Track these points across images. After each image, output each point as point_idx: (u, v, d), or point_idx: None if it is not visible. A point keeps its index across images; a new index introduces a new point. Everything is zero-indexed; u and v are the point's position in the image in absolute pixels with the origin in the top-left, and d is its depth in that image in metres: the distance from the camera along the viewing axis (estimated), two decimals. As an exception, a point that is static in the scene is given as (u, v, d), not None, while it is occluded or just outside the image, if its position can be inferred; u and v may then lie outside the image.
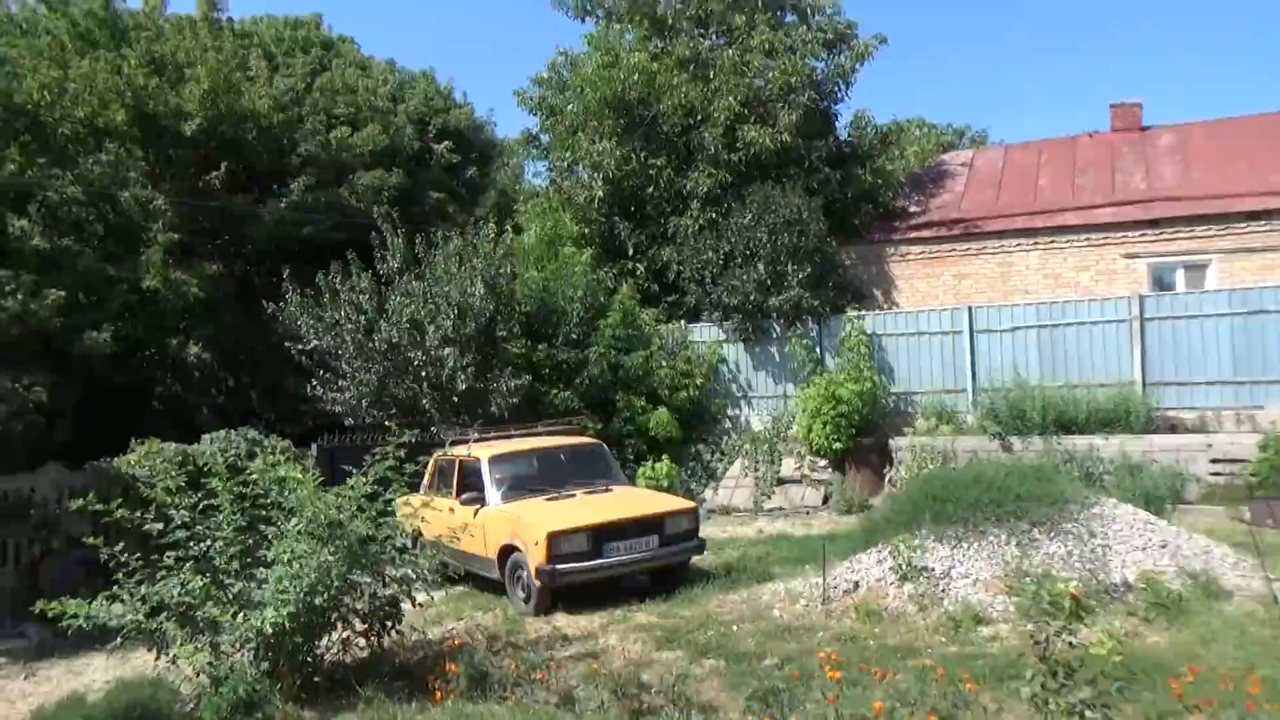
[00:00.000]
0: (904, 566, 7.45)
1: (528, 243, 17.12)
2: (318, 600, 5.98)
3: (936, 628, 6.74)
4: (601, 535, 8.29)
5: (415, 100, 24.36)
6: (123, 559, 6.39)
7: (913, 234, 17.56)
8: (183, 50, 18.46)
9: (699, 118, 17.52)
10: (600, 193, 17.42)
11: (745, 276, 15.54)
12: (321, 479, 6.84)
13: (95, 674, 7.84)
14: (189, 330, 18.25)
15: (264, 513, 6.84)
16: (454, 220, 20.90)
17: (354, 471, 6.69)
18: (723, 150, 17.03)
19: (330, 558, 5.96)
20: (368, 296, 15.50)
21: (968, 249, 16.89)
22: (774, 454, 15.05)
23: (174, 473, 6.71)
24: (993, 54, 65.28)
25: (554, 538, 8.08)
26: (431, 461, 10.58)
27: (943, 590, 7.21)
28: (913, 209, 18.45)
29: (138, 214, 16.82)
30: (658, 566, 8.70)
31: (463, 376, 14.57)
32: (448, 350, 14.89)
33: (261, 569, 6.56)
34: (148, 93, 17.07)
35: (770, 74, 17.13)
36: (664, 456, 15.06)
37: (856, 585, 7.68)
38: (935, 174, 19.73)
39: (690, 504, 9.40)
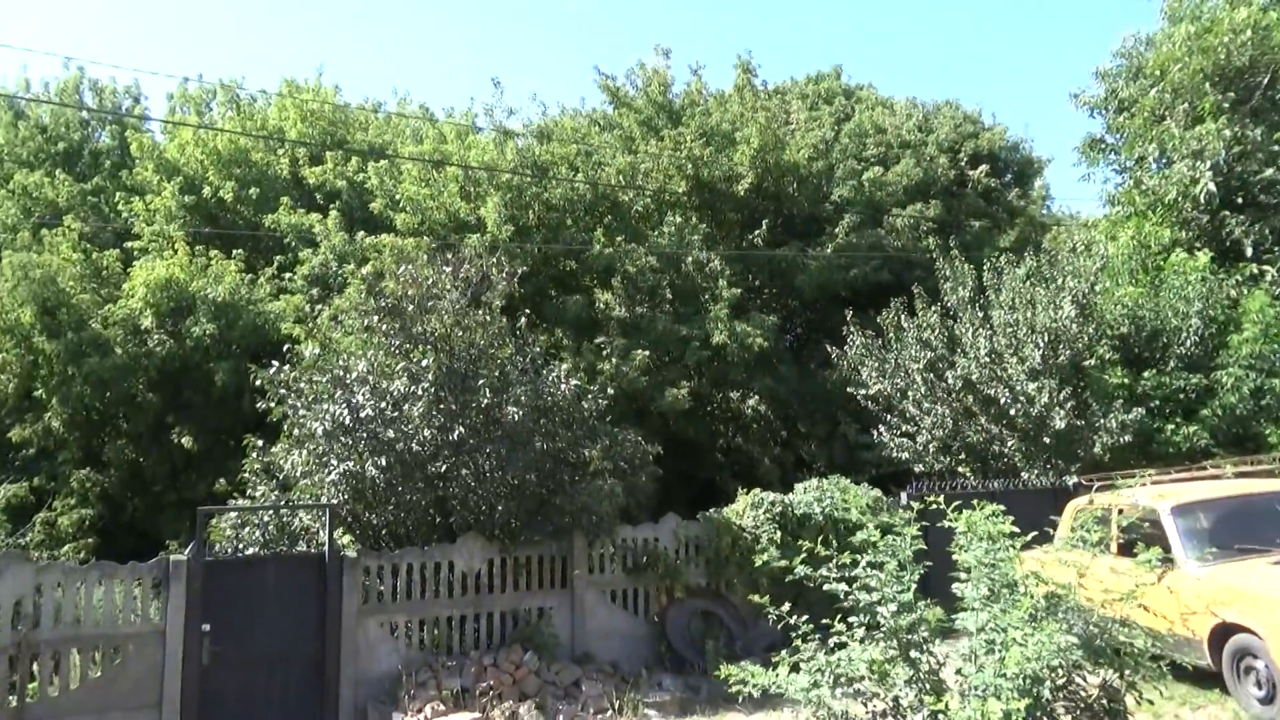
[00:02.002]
0: None
1: (1116, 255, 14.60)
2: (1045, 691, 4.66)
3: None
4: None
5: (944, 129, 23.02)
6: (792, 620, 5.70)
7: None
8: (728, 119, 19.33)
9: (1341, 69, 13.69)
10: (1210, 185, 14.27)
11: None
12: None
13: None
14: (748, 382, 18.69)
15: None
16: (995, 246, 19.04)
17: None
18: (1391, 102, 13.02)
19: (1067, 638, 4.62)
20: (936, 332, 14.33)
21: None
22: None
23: (892, 524, 5.80)
24: None
25: (1319, 619, 5.88)
26: (1068, 511, 8.84)
27: None
28: None
29: (698, 276, 17.72)
30: None
31: (1060, 413, 12.57)
32: (1034, 385, 13.04)
33: (938, 640, 5.50)
34: (703, 161, 18.03)
35: None
36: (1349, 507, 11.47)
37: None
38: None
39: None
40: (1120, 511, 7.92)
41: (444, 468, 9.21)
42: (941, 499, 5.91)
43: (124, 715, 7.72)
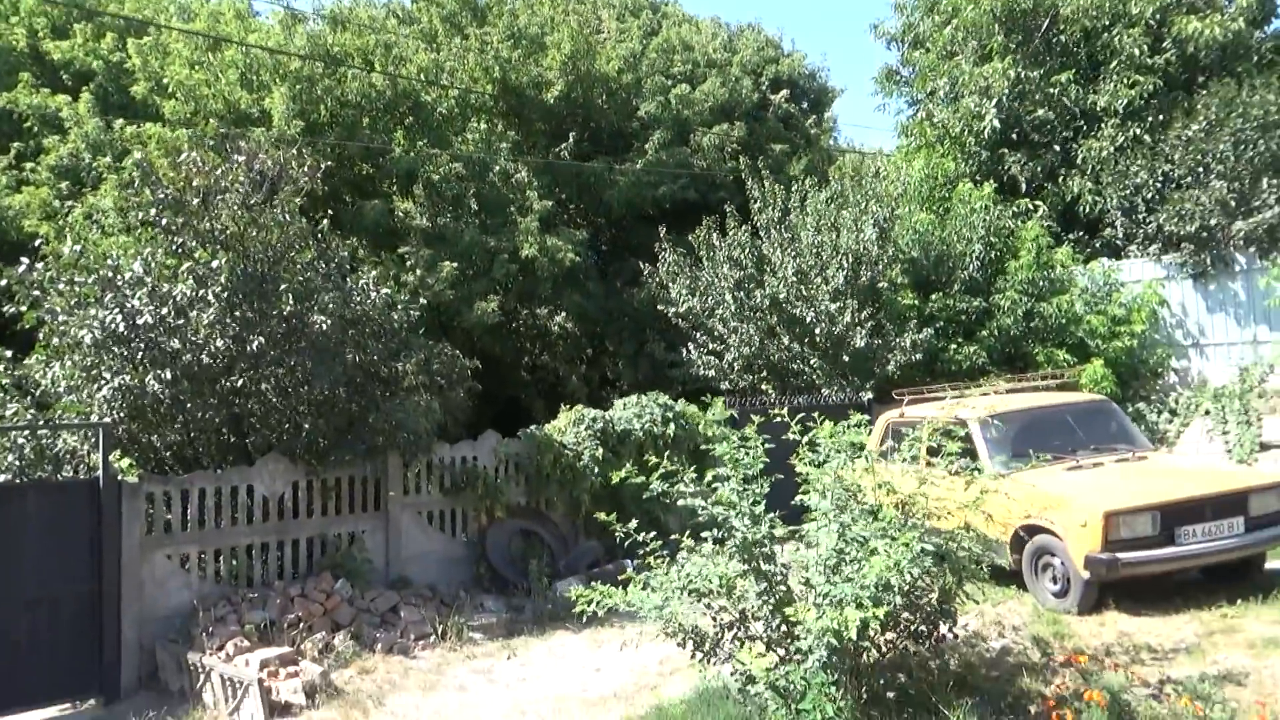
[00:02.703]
0: None
1: (910, 182, 15.31)
2: (896, 598, 4.77)
3: None
4: (1172, 516, 6.51)
5: (747, 51, 23.19)
6: (639, 538, 5.54)
7: None
8: (537, 22, 18.46)
9: (1108, 20, 14.81)
10: (994, 122, 15.14)
11: (1201, 198, 12.77)
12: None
13: (576, 657, 7.25)
14: (555, 298, 18.34)
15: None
16: (788, 172, 19.57)
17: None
18: (1145, 53, 14.25)
19: (925, 545, 4.72)
20: (746, 251, 14.54)
21: None
22: (1248, 412, 12.28)
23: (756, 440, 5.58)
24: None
25: (1113, 518, 6.42)
26: (880, 424, 9.26)
27: None
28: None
29: (505, 186, 17.01)
30: (1244, 557, 6.79)
31: (861, 332, 13.16)
32: (835, 305, 13.56)
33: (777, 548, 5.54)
34: (511, 65, 17.16)
35: (1208, -50, 14.05)
36: (1097, 418, 12.83)
37: None
38: None
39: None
40: (930, 424, 8.33)
41: (240, 382, 8.29)
42: (787, 413, 5.87)
43: None
